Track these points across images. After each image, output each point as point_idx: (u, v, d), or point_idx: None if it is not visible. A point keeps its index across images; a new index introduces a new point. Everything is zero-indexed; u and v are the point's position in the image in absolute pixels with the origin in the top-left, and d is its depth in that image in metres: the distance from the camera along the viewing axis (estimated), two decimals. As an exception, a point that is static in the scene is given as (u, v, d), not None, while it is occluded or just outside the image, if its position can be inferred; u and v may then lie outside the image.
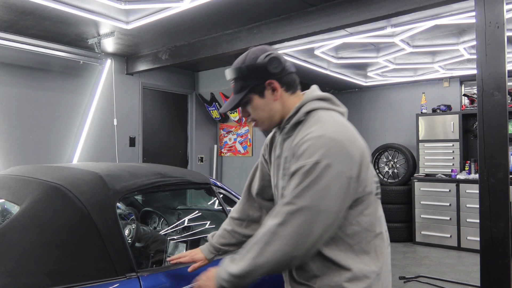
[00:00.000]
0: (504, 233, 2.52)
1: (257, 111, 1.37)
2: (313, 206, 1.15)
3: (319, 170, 1.15)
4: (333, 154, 1.17)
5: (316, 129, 1.22)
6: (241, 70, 1.34)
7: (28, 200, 1.66)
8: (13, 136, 4.32)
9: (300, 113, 1.32)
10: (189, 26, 4.00)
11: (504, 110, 2.56)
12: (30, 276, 1.41)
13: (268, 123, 1.39)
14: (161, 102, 5.95)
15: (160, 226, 2.57)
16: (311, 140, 1.20)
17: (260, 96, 1.35)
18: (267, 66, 1.31)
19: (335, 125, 1.24)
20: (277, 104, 1.35)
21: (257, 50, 1.36)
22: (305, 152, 1.19)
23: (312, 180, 1.15)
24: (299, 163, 1.19)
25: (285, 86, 1.36)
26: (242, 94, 1.35)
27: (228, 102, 1.41)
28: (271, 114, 1.36)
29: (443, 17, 3.59)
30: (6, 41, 4.05)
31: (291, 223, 1.16)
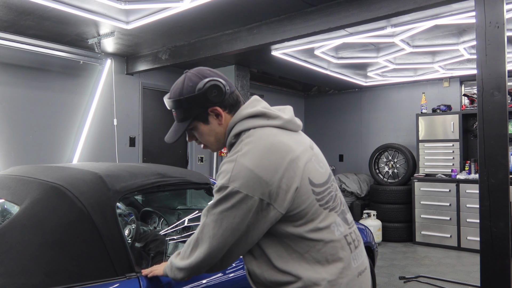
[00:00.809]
0: (504, 233, 2.52)
1: (203, 137, 1.37)
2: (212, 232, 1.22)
3: (225, 195, 1.18)
4: (242, 179, 1.17)
5: (233, 153, 1.24)
6: (180, 102, 1.31)
7: (28, 200, 1.66)
8: (13, 136, 4.32)
9: (230, 137, 1.32)
10: (189, 26, 4.00)
11: (504, 110, 2.56)
12: (30, 276, 1.41)
13: (216, 145, 1.39)
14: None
15: (160, 226, 2.57)
16: (224, 165, 1.23)
17: (204, 123, 1.34)
18: (207, 95, 1.29)
19: (252, 148, 1.21)
20: (222, 128, 1.35)
21: (194, 75, 1.32)
22: (219, 175, 1.23)
23: (218, 203, 1.20)
24: (215, 187, 1.24)
25: (227, 109, 1.33)
26: (186, 123, 1.34)
27: (172, 131, 1.39)
28: (218, 137, 1.36)
29: (443, 17, 3.59)
30: (6, 41, 4.05)
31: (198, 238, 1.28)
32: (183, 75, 1.36)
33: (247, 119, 1.30)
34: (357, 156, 7.41)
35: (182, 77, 1.35)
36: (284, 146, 1.23)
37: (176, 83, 1.35)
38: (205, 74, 1.33)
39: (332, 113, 7.73)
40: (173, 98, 1.34)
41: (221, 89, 1.30)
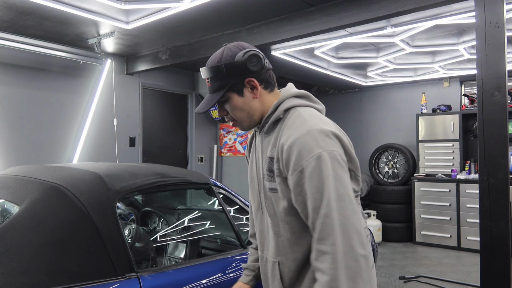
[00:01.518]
0: (504, 233, 2.52)
1: (236, 110, 1.33)
2: (347, 198, 1.13)
3: (328, 162, 1.13)
4: (329, 142, 1.16)
5: (301, 126, 1.20)
6: (219, 69, 1.29)
7: (28, 200, 1.66)
8: (13, 136, 4.31)
9: (278, 110, 1.31)
10: (189, 26, 4.00)
11: (504, 110, 2.56)
12: (30, 276, 1.41)
13: (248, 122, 1.35)
14: (161, 102, 5.95)
15: (160, 226, 2.57)
16: (301, 138, 1.17)
17: (239, 94, 1.31)
18: (247, 64, 1.27)
19: (317, 119, 1.24)
20: (256, 102, 1.32)
21: (233, 46, 1.32)
22: (301, 151, 1.15)
23: (328, 174, 1.12)
24: (300, 164, 1.15)
25: (263, 84, 1.33)
26: (220, 93, 1.30)
27: (205, 102, 1.35)
28: (251, 112, 1.33)
29: (443, 17, 3.59)
30: (6, 41, 4.05)
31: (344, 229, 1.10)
32: (221, 48, 1.34)
33: (295, 98, 1.33)
34: (357, 156, 7.28)
35: (221, 49, 1.34)
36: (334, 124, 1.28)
37: (215, 54, 1.34)
38: (244, 46, 1.32)
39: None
40: (212, 65, 1.32)
41: (261, 60, 1.29)
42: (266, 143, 1.34)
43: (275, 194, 1.28)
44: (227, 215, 2.19)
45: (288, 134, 1.22)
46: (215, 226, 2.60)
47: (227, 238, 2.49)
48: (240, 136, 6.28)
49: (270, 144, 1.30)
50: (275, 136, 1.29)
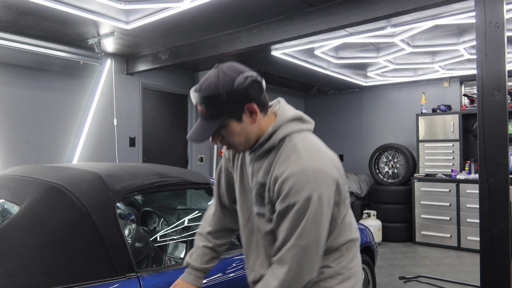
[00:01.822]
0: (504, 233, 2.52)
1: (234, 136, 1.29)
2: (314, 240, 1.20)
3: (314, 205, 1.17)
4: (321, 185, 1.19)
5: (296, 162, 1.22)
6: (218, 97, 1.21)
7: (28, 200, 1.66)
8: (13, 136, 4.31)
9: (273, 140, 1.29)
10: (189, 26, 4.00)
11: (504, 110, 2.56)
12: (30, 276, 1.41)
13: (244, 146, 1.33)
14: (161, 102, 5.95)
15: (160, 226, 2.57)
16: (295, 176, 1.19)
17: (237, 120, 1.26)
18: (248, 91, 1.23)
19: (312, 153, 1.25)
20: (254, 127, 1.29)
21: (228, 70, 1.25)
22: (292, 189, 1.19)
23: (309, 217, 1.18)
24: (289, 200, 1.19)
25: (260, 107, 1.29)
26: (218, 121, 1.25)
27: (199, 129, 1.28)
28: (248, 137, 1.30)
29: (443, 17, 3.59)
30: (6, 41, 4.05)
31: (299, 264, 1.20)
32: (215, 69, 1.27)
33: (290, 122, 1.31)
34: (357, 156, 7.41)
35: (214, 71, 1.26)
36: (327, 150, 1.31)
37: (208, 76, 1.26)
38: (240, 69, 1.26)
39: (332, 113, 7.73)
40: (208, 92, 1.23)
41: (262, 85, 1.26)
42: (257, 167, 1.34)
43: (263, 218, 1.33)
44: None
45: (282, 168, 1.23)
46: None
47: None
48: (240, 136, 6.28)
49: (262, 170, 1.32)
50: (268, 163, 1.30)
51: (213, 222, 1.60)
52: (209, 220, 1.61)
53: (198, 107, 1.28)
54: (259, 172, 1.33)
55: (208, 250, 1.56)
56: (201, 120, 1.29)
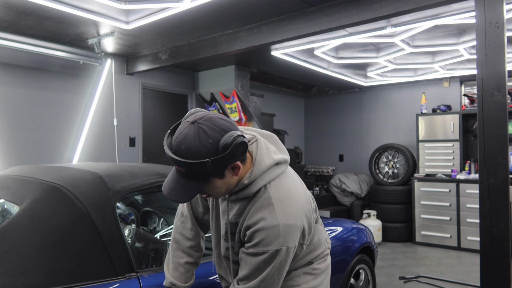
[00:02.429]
0: (504, 233, 2.52)
1: (215, 190, 1.28)
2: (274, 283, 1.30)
3: (281, 256, 1.26)
4: (290, 238, 1.27)
5: (269, 216, 1.25)
6: (203, 165, 1.15)
7: (28, 200, 1.66)
8: (13, 136, 4.31)
9: (249, 191, 1.30)
10: (189, 26, 4.00)
11: (504, 110, 2.56)
12: (30, 276, 1.41)
13: (224, 194, 1.33)
14: (161, 102, 5.95)
15: (160, 226, 2.57)
16: (267, 230, 1.24)
17: (220, 178, 1.24)
18: (234, 153, 1.18)
19: (285, 206, 1.28)
20: (235, 179, 1.29)
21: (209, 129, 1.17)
22: (262, 241, 1.24)
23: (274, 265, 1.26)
24: (258, 249, 1.25)
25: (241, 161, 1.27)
26: (202, 183, 1.22)
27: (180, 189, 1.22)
28: (229, 188, 1.30)
29: (443, 17, 3.59)
30: (6, 41, 4.05)
31: None
32: (192, 125, 1.18)
33: (266, 172, 1.31)
34: (357, 156, 7.41)
35: (192, 130, 1.17)
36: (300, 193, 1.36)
37: (186, 135, 1.17)
38: (221, 125, 1.19)
39: (332, 113, 7.73)
40: (189, 158, 1.16)
41: (246, 145, 1.22)
42: (230, 206, 1.38)
43: (232, 251, 1.40)
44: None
45: (255, 218, 1.27)
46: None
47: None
48: (240, 136, 6.27)
49: (235, 212, 1.35)
50: (241, 207, 1.34)
51: (192, 236, 1.59)
52: (187, 234, 1.58)
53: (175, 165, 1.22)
54: (231, 212, 1.37)
55: (190, 266, 1.58)
56: (180, 177, 1.23)
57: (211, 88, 6.06)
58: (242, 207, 1.33)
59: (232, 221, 1.36)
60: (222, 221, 1.43)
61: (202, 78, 6.21)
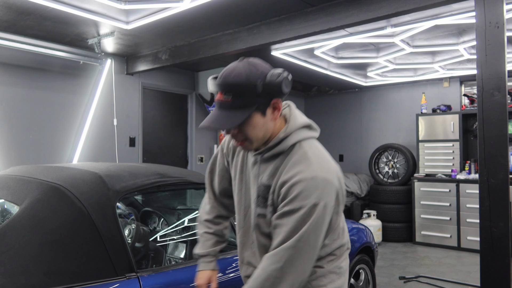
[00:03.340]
0: (504, 233, 2.52)
1: (255, 130, 1.27)
2: (311, 245, 1.23)
3: (319, 212, 1.20)
4: (327, 194, 1.23)
5: (306, 169, 1.24)
6: (254, 87, 1.21)
7: (28, 200, 1.66)
8: (13, 136, 4.31)
9: (284, 145, 1.30)
10: (189, 26, 4.00)
11: (504, 110, 2.56)
12: (30, 276, 1.41)
13: (257, 143, 1.32)
14: (161, 102, 5.95)
15: (160, 226, 2.57)
16: (305, 182, 1.21)
17: (262, 114, 1.26)
18: (281, 86, 1.24)
19: (322, 162, 1.28)
20: (272, 124, 1.30)
21: (259, 64, 1.26)
22: (300, 193, 1.21)
23: (312, 222, 1.20)
24: (295, 204, 1.21)
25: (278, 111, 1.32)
26: (247, 112, 1.23)
27: (222, 118, 1.25)
28: (265, 134, 1.30)
29: (443, 17, 3.59)
30: (6, 41, 4.05)
31: (292, 264, 1.21)
32: (241, 61, 1.27)
33: (300, 129, 1.33)
34: (357, 156, 7.40)
35: (242, 63, 1.26)
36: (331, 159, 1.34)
37: (235, 67, 1.24)
38: (267, 65, 1.28)
39: (332, 113, 7.73)
40: (241, 81, 1.21)
41: (290, 84, 1.28)
42: (262, 169, 1.35)
43: (263, 219, 1.34)
44: (227, 215, 2.19)
45: (292, 173, 1.25)
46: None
47: (227, 238, 2.48)
48: (240, 136, 6.28)
49: (267, 173, 1.33)
50: (275, 167, 1.31)
51: (209, 210, 1.64)
52: (206, 209, 1.65)
53: (218, 96, 1.25)
54: (264, 174, 1.33)
55: (209, 235, 1.60)
56: (222, 110, 1.25)
57: (211, 88, 6.05)
58: (275, 166, 1.31)
59: (265, 183, 1.32)
60: (253, 187, 1.37)
61: (202, 78, 6.20)
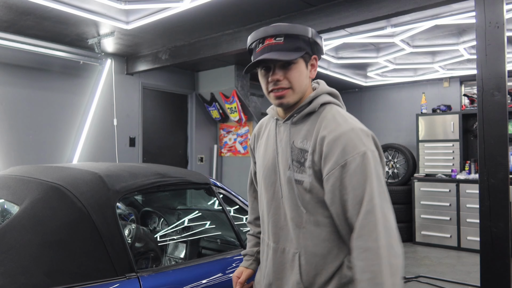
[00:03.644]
0: (504, 233, 2.52)
1: (301, 77, 1.31)
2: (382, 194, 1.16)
3: (371, 161, 1.17)
4: (370, 143, 1.22)
5: (343, 123, 1.24)
6: (307, 33, 1.31)
7: (28, 200, 1.66)
8: (13, 136, 4.31)
9: (315, 103, 1.32)
10: (189, 26, 4.00)
11: (504, 110, 2.56)
12: (30, 276, 1.41)
13: (298, 96, 1.32)
14: (161, 102, 5.95)
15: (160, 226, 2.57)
16: (347, 134, 1.20)
17: (306, 65, 1.34)
18: (321, 45, 1.36)
19: (354, 118, 1.30)
20: (308, 81, 1.37)
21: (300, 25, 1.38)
22: (346, 146, 1.18)
23: (371, 172, 1.15)
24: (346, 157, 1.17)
25: None
26: (299, 53, 1.28)
27: (274, 55, 1.26)
28: (303, 87, 1.33)
29: (443, 17, 3.59)
30: (6, 41, 4.05)
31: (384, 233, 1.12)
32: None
33: (329, 94, 1.39)
34: (357, 156, 7.39)
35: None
36: None
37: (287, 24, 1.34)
38: None
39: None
40: (297, 28, 1.31)
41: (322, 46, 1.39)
42: (293, 133, 1.33)
43: (300, 186, 1.27)
44: (227, 215, 2.19)
45: (330, 128, 1.24)
46: (215, 226, 2.61)
47: (227, 238, 2.49)
48: (240, 136, 6.28)
49: (301, 135, 1.31)
50: (308, 128, 1.30)
51: (250, 212, 1.67)
52: (249, 210, 1.68)
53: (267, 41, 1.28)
54: (296, 138, 1.31)
55: (250, 237, 1.63)
56: (273, 51, 1.27)
57: (211, 88, 6.06)
58: (307, 128, 1.30)
59: (299, 146, 1.29)
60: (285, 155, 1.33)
61: (202, 78, 6.21)
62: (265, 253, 1.43)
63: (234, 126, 6.35)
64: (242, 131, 6.25)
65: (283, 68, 1.29)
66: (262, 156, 1.44)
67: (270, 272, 1.37)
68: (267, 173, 1.40)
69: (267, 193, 1.40)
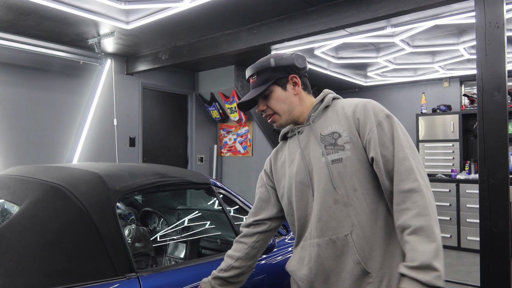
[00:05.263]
0: (504, 233, 2.52)
1: (278, 103, 1.46)
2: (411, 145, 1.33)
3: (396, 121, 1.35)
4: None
5: (360, 100, 1.41)
6: (268, 62, 1.46)
7: (28, 200, 1.65)
8: (13, 136, 4.31)
9: (327, 98, 1.46)
10: (189, 26, 4.00)
11: (504, 110, 2.56)
12: (30, 276, 1.41)
13: (286, 117, 1.47)
14: (161, 102, 5.95)
15: (160, 226, 2.57)
16: (369, 103, 1.37)
17: (282, 88, 1.46)
18: (294, 62, 1.45)
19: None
20: (296, 99, 1.47)
21: (280, 52, 1.53)
22: (374, 108, 1.36)
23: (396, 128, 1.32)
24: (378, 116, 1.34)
25: (303, 85, 1.50)
26: (266, 85, 1.44)
27: (250, 93, 1.48)
28: (291, 107, 1.46)
29: (443, 17, 3.59)
30: (6, 41, 4.05)
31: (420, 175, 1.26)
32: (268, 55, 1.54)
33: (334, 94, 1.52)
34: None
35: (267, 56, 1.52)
36: None
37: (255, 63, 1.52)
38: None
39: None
40: (261, 63, 1.49)
41: (305, 61, 1.49)
42: (317, 127, 1.43)
43: (340, 164, 1.35)
44: (227, 215, 2.19)
45: (353, 105, 1.39)
46: (215, 226, 2.60)
47: (227, 238, 2.48)
48: (240, 136, 6.28)
49: (326, 125, 1.42)
50: (330, 117, 1.43)
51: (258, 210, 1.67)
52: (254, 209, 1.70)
53: (251, 79, 1.51)
54: (322, 129, 1.42)
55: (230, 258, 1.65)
56: (252, 89, 1.50)
57: (211, 88, 6.06)
58: (329, 118, 1.42)
59: (328, 132, 1.40)
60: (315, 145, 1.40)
61: (202, 78, 6.21)
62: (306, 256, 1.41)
63: (234, 126, 6.35)
64: (242, 131, 6.25)
65: (264, 98, 1.48)
66: (288, 166, 1.49)
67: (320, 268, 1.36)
68: (291, 182, 1.45)
69: (296, 196, 1.43)
